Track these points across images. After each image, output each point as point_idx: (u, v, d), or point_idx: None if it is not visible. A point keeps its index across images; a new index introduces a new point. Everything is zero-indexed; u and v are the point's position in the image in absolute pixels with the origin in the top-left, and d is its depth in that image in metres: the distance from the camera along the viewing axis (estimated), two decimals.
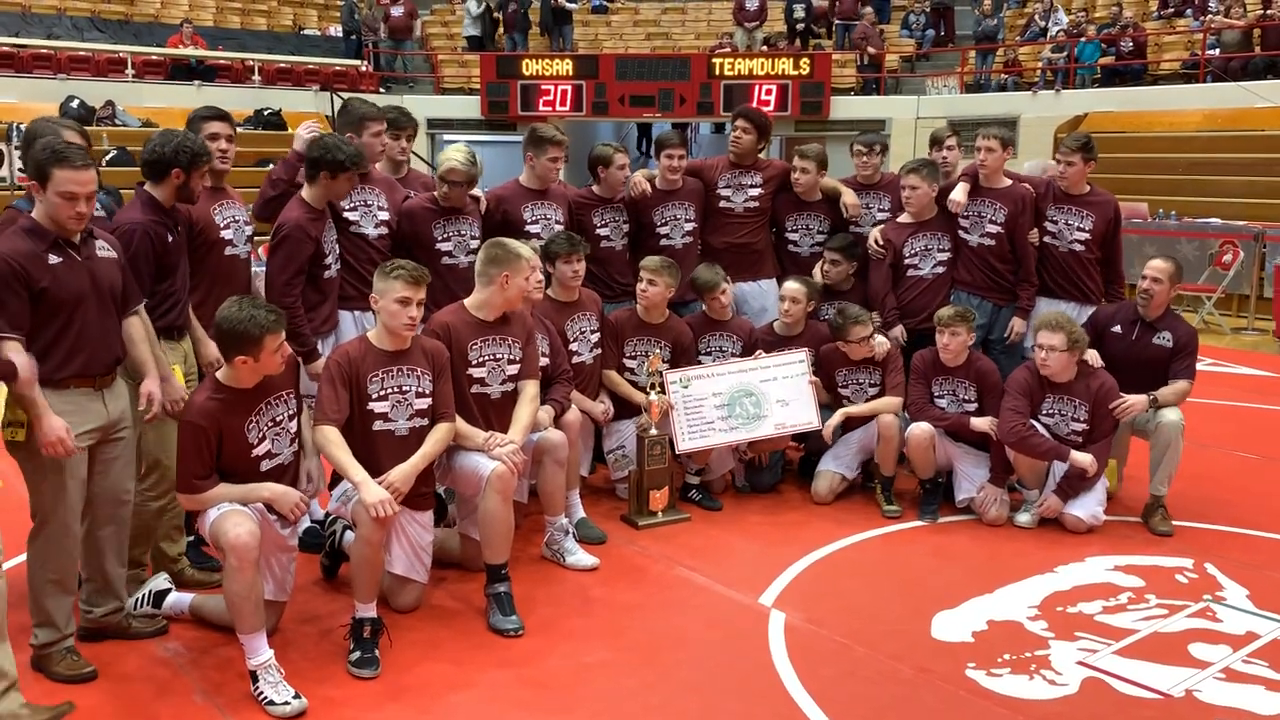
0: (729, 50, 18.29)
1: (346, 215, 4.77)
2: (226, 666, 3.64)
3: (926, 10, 18.94)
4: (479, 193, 5.25)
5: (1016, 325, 5.58)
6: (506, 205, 5.29)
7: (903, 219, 5.66)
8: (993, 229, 5.52)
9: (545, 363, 4.66)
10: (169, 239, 3.89)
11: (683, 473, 5.39)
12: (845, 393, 5.42)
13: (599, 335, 5.20)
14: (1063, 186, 5.51)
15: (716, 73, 17.14)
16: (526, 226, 5.22)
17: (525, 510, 4.68)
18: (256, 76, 17.00)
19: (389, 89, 18.31)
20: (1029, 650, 3.84)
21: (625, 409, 5.26)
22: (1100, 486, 5.03)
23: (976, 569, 4.59)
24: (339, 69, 17.80)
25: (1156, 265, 5.12)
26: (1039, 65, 17.07)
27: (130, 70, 15.93)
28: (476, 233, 5.08)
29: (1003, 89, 17.36)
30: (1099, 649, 3.85)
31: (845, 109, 17.45)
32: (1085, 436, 4.97)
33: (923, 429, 5.12)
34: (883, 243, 5.59)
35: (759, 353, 5.37)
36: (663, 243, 5.60)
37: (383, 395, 3.91)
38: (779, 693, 3.54)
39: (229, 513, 3.49)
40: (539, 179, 5.36)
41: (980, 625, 4.04)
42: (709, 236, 5.77)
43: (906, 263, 5.61)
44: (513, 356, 4.37)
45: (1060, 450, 4.92)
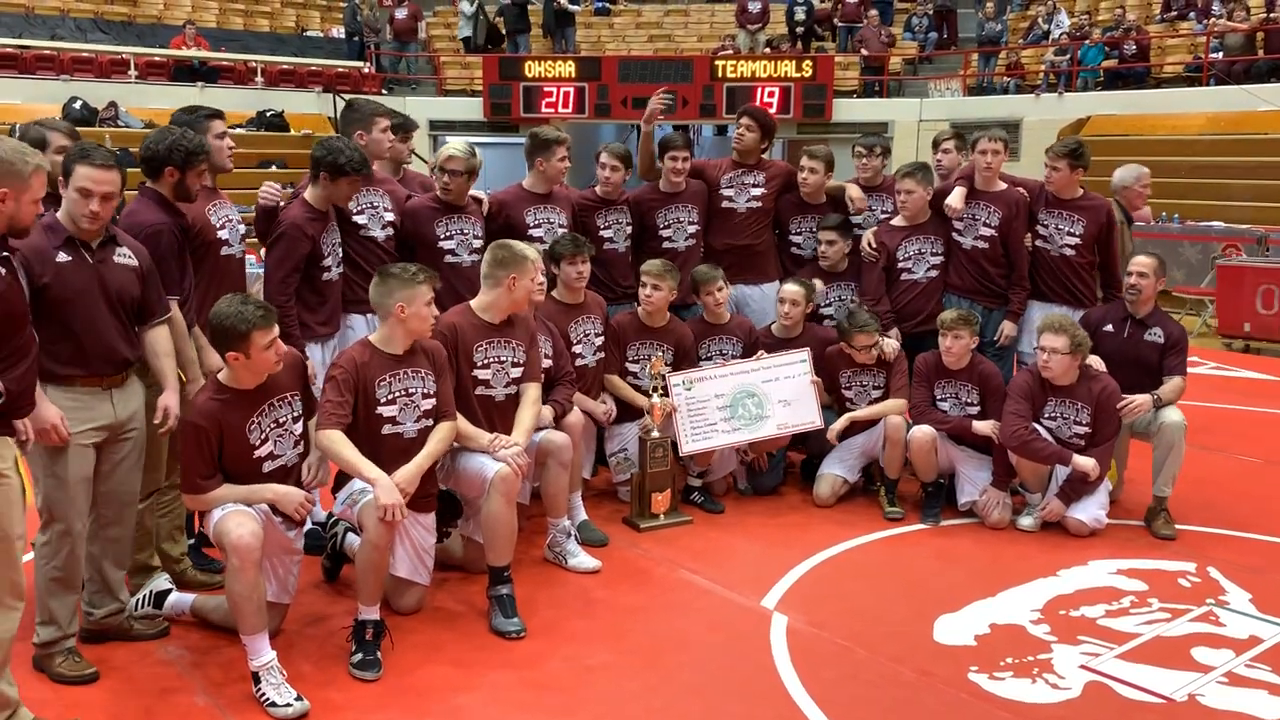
0: (731, 53, 18.30)
1: (355, 219, 4.77)
2: (228, 668, 3.64)
3: (929, 13, 18.95)
4: (481, 194, 5.26)
5: (1006, 328, 5.58)
6: (509, 210, 5.27)
7: (896, 222, 5.65)
8: (987, 232, 5.51)
9: (548, 365, 4.66)
10: (184, 237, 3.91)
11: (685, 475, 5.40)
12: (849, 394, 5.41)
13: (603, 339, 5.20)
14: (1051, 191, 5.51)
15: (719, 75, 17.15)
16: (529, 230, 5.21)
17: (527, 513, 4.68)
18: (259, 78, 17.02)
19: (391, 90, 18.31)
20: (1031, 654, 3.84)
21: (627, 412, 5.26)
22: (1103, 490, 5.02)
23: (979, 572, 4.59)
24: (341, 70, 17.81)
25: (1140, 261, 5.21)
26: (1042, 68, 17.08)
27: (133, 71, 15.95)
28: (479, 231, 5.08)
29: (1005, 92, 17.36)
30: (1102, 653, 3.84)
31: (848, 111, 17.46)
32: (1087, 440, 4.97)
33: (925, 432, 5.11)
34: (876, 245, 5.60)
35: (760, 353, 5.37)
36: (665, 245, 5.59)
37: (391, 399, 3.90)
38: (780, 695, 3.54)
39: (232, 513, 3.49)
40: (546, 181, 5.35)
41: (982, 628, 4.04)
42: (711, 238, 5.76)
43: (900, 266, 5.60)
44: (517, 359, 4.38)
45: (1062, 454, 4.92)
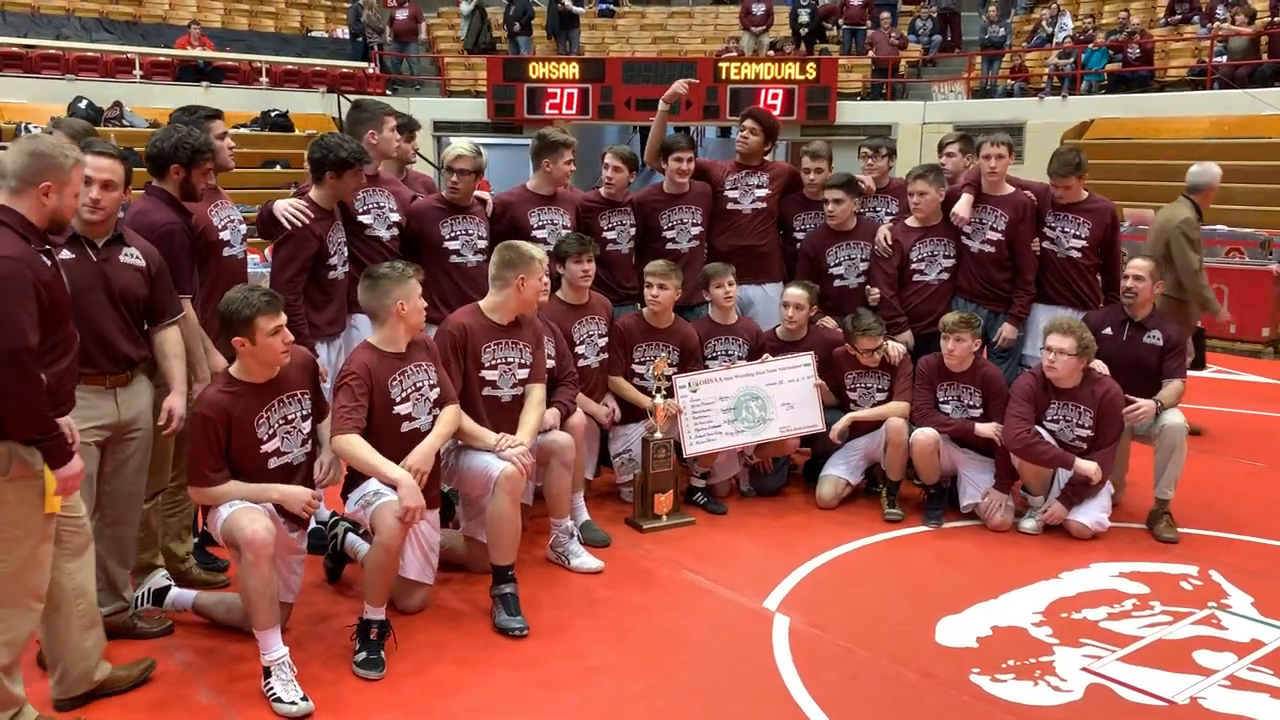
0: (735, 55, 18.30)
1: (360, 219, 4.78)
2: (232, 666, 3.65)
3: (933, 16, 18.95)
4: (485, 195, 5.27)
5: (1005, 331, 5.58)
6: (513, 210, 5.28)
7: (910, 222, 5.66)
8: (994, 235, 5.52)
9: (551, 365, 4.67)
10: (192, 236, 3.92)
11: (688, 476, 5.40)
12: (853, 396, 5.41)
13: (607, 339, 5.21)
14: (1058, 198, 5.52)
15: (723, 77, 17.14)
16: (533, 232, 5.21)
17: (530, 513, 4.69)
18: (264, 78, 17.03)
19: (395, 91, 18.32)
20: (1033, 656, 3.84)
21: (632, 413, 5.27)
22: (1105, 493, 5.02)
23: (981, 574, 4.59)
24: (346, 71, 17.82)
25: (1137, 264, 5.24)
26: (1045, 71, 17.08)
27: (138, 71, 15.96)
28: (484, 232, 5.09)
29: (1009, 95, 17.35)
30: (1103, 655, 3.85)
31: (851, 114, 17.44)
32: (1090, 443, 4.97)
33: (927, 434, 5.12)
34: (891, 242, 5.60)
35: (765, 356, 5.38)
36: (669, 246, 5.60)
37: (405, 397, 3.93)
38: (782, 696, 3.55)
39: (243, 510, 3.50)
40: (552, 183, 5.36)
41: (984, 631, 4.05)
42: (715, 239, 5.76)
43: (913, 267, 5.61)
44: (524, 360, 4.39)
45: (1065, 458, 4.92)
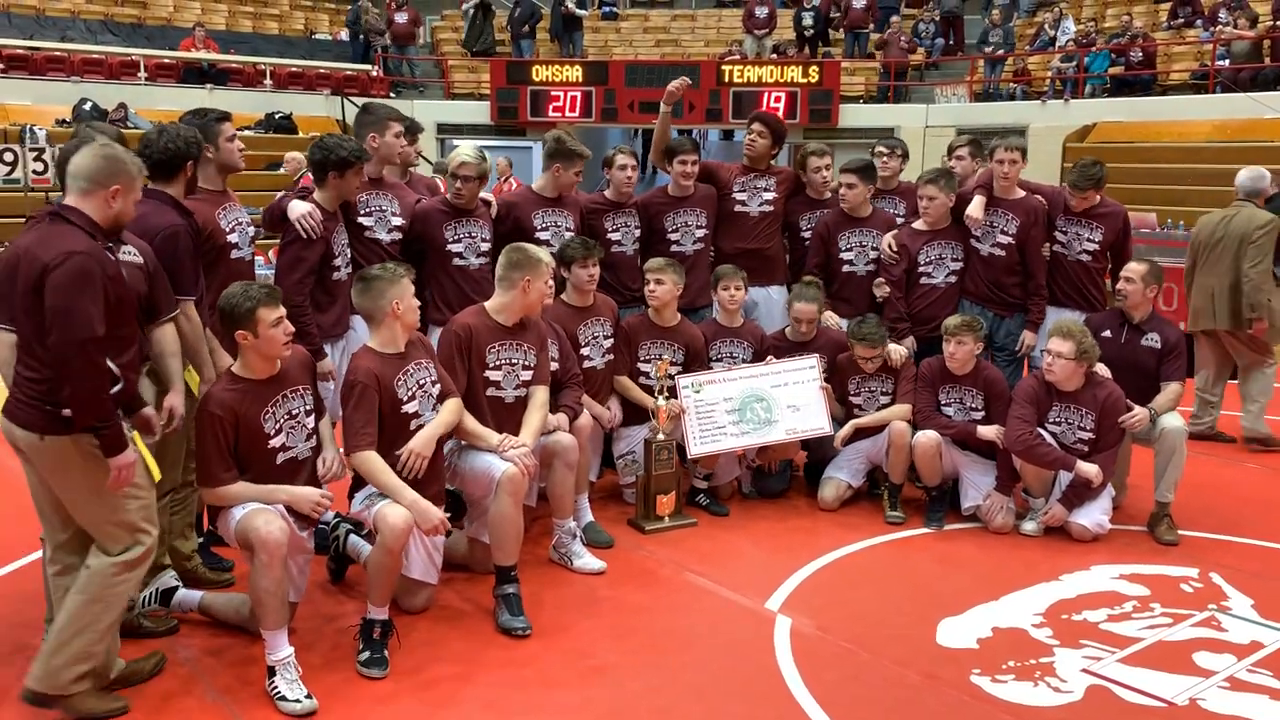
0: (738, 58, 18.32)
1: (361, 221, 4.81)
2: (237, 665, 3.68)
3: (936, 19, 18.97)
4: (489, 197, 5.29)
5: (1027, 339, 5.61)
6: (517, 212, 5.30)
7: (918, 226, 5.67)
8: (1004, 239, 5.55)
9: (555, 367, 4.69)
10: (196, 237, 3.93)
11: (690, 478, 5.42)
12: (857, 400, 5.43)
13: (612, 341, 5.22)
14: (1074, 205, 5.55)
15: (725, 80, 17.15)
16: (537, 234, 5.22)
17: (533, 514, 4.71)
18: (268, 80, 17.07)
19: (399, 94, 18.35)
20: (1034, 657, 3.86)
21: (636, 414, 5.28)
22: (1106, 495, 5.03)
23: (982, 576, 4.60)
24: (350, 73, 17.85)
25: (1130, 267, 5.29)
26: (1048, 74, 17.10)
27: (143, 73, 16.00)
28: (487, 235, 5.11)
29: (1012, 98, 17.37)
30: (1104, 657, 3.86)
31: (854, 117, 17.45)
32: (1091, 445, 4.99)
33: (929, 436, 5.13)
34: (897, 248, 5.62)
35: (770, 358, 5.39)
36: (673, 249, 5.60)
37: (411, 396, 3.96)
38: (784, 697, 3.56)
39: (257, 510, 3.53)
40: (557, 188, 5.38)
41: (985, 632, 4.06)
42: (721, 242, 5.77)
43: (920, 270, 5.63)
44: (528, 362, 4.41)
45: (1067, 460, 4.93)
